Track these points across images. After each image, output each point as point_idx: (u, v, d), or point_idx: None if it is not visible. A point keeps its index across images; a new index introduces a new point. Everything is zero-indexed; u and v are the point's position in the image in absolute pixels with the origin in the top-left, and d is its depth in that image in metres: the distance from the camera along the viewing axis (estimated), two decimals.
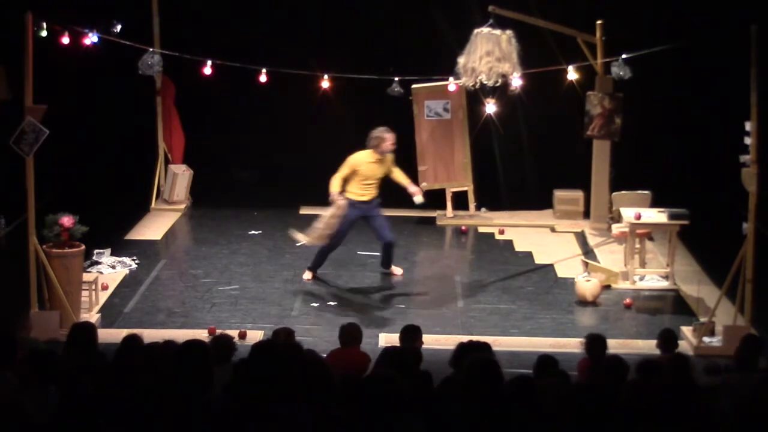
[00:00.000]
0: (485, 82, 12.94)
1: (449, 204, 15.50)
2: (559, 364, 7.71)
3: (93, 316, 11.16)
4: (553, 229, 15.06)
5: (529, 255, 13.94)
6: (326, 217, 12.27)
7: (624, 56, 13.03)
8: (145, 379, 6.77)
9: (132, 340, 8.11)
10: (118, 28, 14.03)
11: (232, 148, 16.54)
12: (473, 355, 6.55)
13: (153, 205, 15.78)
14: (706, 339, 10.76)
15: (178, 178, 15.87)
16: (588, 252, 13.99)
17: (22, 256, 10.83)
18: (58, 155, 12.50)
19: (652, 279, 12.85)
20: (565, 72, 13.38)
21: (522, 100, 14.29)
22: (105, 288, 12.14)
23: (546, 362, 7.69)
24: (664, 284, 12.70)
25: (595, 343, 8.48)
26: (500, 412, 6.11)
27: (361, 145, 12.56)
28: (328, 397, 6.33)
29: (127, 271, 12.90)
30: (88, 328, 8.49)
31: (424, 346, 8.78)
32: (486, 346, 7.69)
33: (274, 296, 12.18)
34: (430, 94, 15.14)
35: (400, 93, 13.47)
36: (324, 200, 12.33)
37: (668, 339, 9.09)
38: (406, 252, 14.02)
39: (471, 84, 13.06)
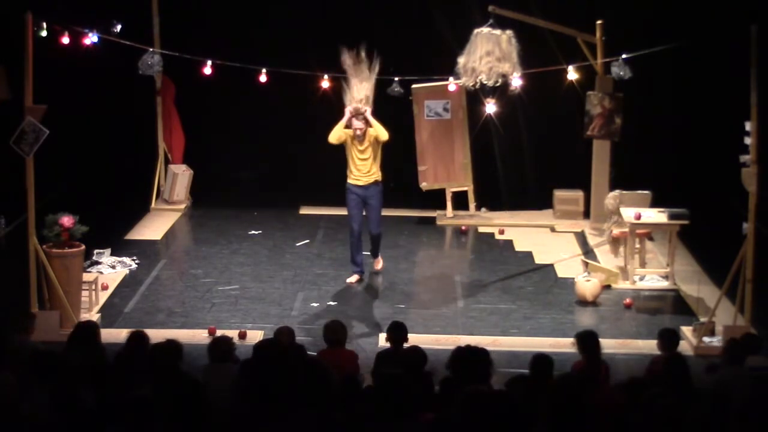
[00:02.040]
0: (485, 82, 12.93)
1: (449, 204, 15.50)
2: (554, 364, 7.70)
3: (93, 316, 11.16)
4: (553, 229, 15.07)
5: (529, 255, 13.95)
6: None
7: (624, 56, 13.02)
8: (148, 378, 6.78)
9: (138, 339, 8.13)
10: (118, 28, 14.02)
11: (232, 148, 16.54)
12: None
13: (153, 205, 15.78)
14: (706, 339, 10.76)
15: (178, 178, 15.87)
16: (588, 252, 14.00)
17: (22, 256, 10.83)
18: (58, 155, 12.50)
19: (652, 279, 12.86)
20: (565, 72, 13.37)
21: (522, 100, 14.28)
22: (105, 288, 12.14)
23: (542, 362, 7.67)
24: (664, 284, 12.70)
25: (587, 340, 8.46)
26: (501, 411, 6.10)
27: None
28: (329, 399, 6.35)
29: (127, 271, 12.89)
30: (91, 327, 8.53)
31: (424, 346, 8.76)
32: (483, 352, 7.51)
33: (274, 296, 12.18)
34: (430, 94, 15.13)
35: (400, 93, 13.46)
36: (324, 200, 12.26)
37: (669, 338, 9.07)
38: (406, 252, 14.03)
39: (471, 84, 13.05)
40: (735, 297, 10.73)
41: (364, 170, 12.41)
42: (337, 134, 12.41)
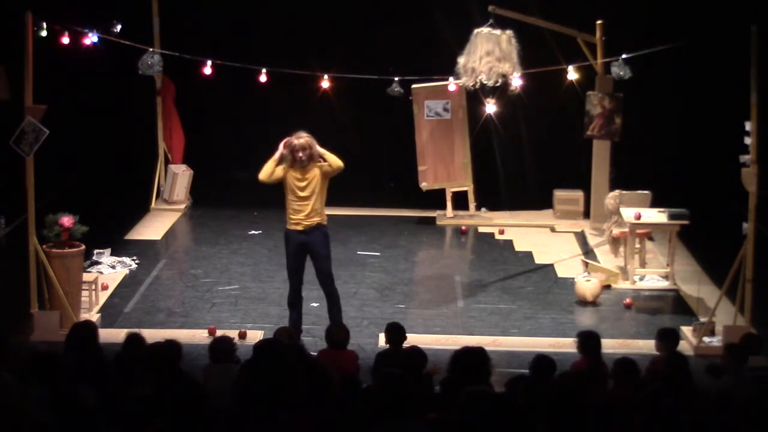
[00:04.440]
0: (485, 82, 12.94)
1: (449, 204, 15.50)
2: (556, 365, 7.70)
3: (93, 316, 11.16)
4: (553, 229, 15.07)
5: (529, 255, 13.95)
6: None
7: (624, 56, 13.02)
8: (148, 378, 6.77)
9: (134, 340, 8.12)
10: (118, 28, 14.02)
11: (232, 148, 16.53)
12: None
13: (153, 205, 15.79)
14: (706, 339, 10.76)
15: (178, 178, 15.87)
16: (588, 252, 14.00)
17: (22, 256, 10.83)
18: (58, 155, 12.50)
19: (652, 279, 12.86)
20: (565, 72, 13.37)
21: (522, 100, 14.28)
22: (105, 288, 12.13)
23: (543, 363, 7.67)
24: (664, 284, 12.70)
25: (589, 341, 8.47)
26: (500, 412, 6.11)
27: (361, 145, 12.48)
28: (329, 399, 6.35)
29: (127, 271, 12.89)
30: (89, 327, 8.52)
31: (424, 346, 8.77)
32: (481, 352, 7.46)
33: (274, 296, 12.17)
34: (430, 94, 15.13)
35: (400, 93, 13.46)
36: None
37: (668, 338, 9.05)
38: (406, 252, 14.03)
39: (471, 84, 13.05)
40: (735, 297, 10.73)
41: (303, 211, 10.44)
42: (269, 170, 10.59)
